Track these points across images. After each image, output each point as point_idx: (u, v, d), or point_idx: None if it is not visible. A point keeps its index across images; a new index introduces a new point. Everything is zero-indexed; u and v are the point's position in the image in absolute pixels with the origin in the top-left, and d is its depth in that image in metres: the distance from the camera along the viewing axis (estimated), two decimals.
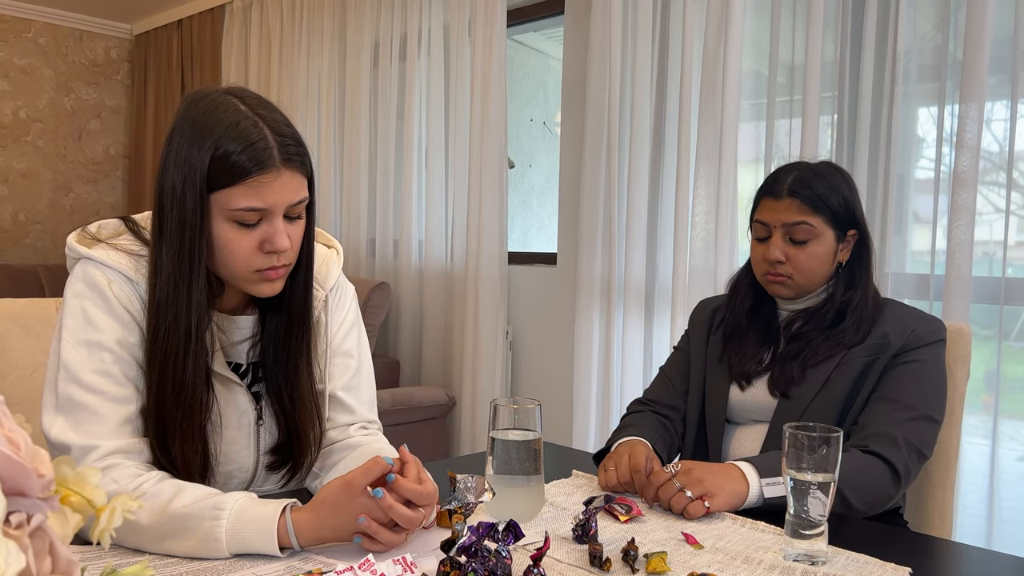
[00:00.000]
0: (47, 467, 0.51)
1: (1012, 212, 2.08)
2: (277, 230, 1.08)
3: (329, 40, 3.95)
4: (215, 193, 1.05)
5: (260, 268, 1.09)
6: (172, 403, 1.09)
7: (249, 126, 1.05)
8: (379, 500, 0.97)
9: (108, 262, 1.10)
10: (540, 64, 4.18)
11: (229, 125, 1.04)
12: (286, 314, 1.19)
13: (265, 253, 1.08)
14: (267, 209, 1.06)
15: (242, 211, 1.05)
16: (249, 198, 1.05)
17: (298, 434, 1.21)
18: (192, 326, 1.09)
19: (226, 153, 1.03)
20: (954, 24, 2.16)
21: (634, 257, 2.79)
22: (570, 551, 1.05)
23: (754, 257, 1.50)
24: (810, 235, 1.42)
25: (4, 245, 5.03)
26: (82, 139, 5.32)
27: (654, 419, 1.52)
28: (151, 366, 1.09)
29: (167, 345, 1.08)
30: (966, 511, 2.15)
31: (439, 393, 3.35)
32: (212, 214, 1.07)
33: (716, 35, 2.52)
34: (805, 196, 1.41)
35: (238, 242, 1.07)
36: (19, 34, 5.03)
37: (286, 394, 1.20)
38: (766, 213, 1.45)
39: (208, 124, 1.05)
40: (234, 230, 1.07)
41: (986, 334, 2.16)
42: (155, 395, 1.09)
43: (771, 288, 1.48)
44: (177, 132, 1.08)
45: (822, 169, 1.46)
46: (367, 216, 3.83)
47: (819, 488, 1.03)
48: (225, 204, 1.05)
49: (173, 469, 1.10)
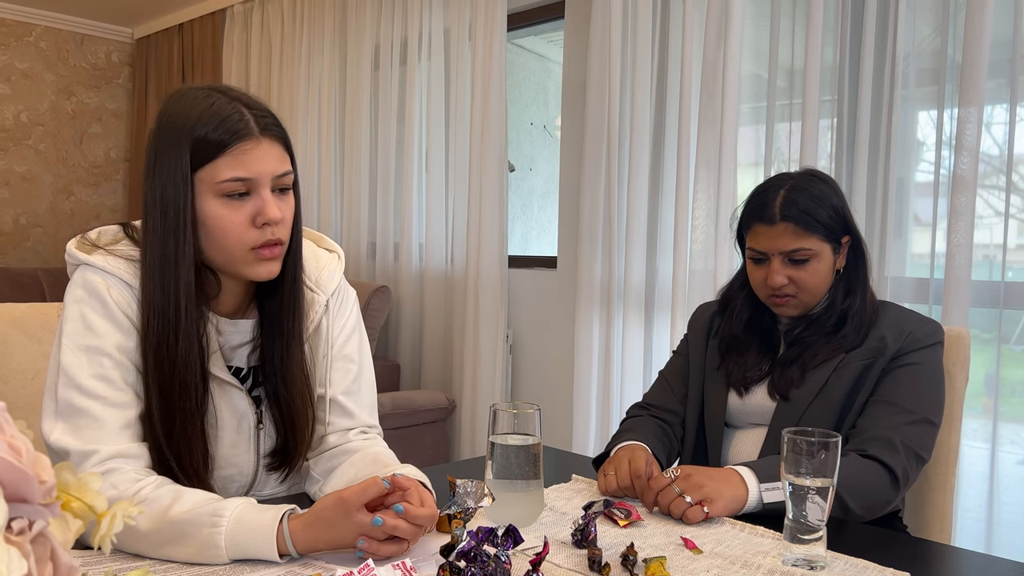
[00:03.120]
0: (49, 473, 0.51)
1: (1012, 215, 2.08)
2: (267, 200, 1.09)
3: (330, 44, 3.96)
4: (199, 171, 1.07)
5: (255, 245, 1.10)
6: (169, 400, 1.09)
7: (223, 103, 1.08)
8: (380, 526, 0.97)
9: (107, 268, 1.11)
10: (540, 68, 4.18)
11: (204, 108, 1.08)
12: (279, 306, 1.19)
13: (258, 228, 1.09)
14: (253, 179, 1.08)
15: (228, 182, 1.07)
16: (233, 168, 1.06)
17: (294, 439, 1.21)
18: (181, 306, 1.09)
19: (204, 131, 1.06)
20: (953, 28, 2.17)
21: (634, 261, 2.79)
22: (569, 556, 1.05)
23: (754, 281, 1.47)
24: (809, 256, 1.41)
25: (5, 249, 5.03)
26: (83, 143, 5.33)
27: (654, 423, 1.52)
28: (145, 359, 1.09)
29: (159, 333, 1.09)
30: (966, 515, 2.15)
31: (439, 397, 3.35)
32: (198, 193, 1.08)
33: (716, 39, 2.53)
34: (797, 218, 1.39)
35: (228, 218, 1.08)
36: (20, 38, 5.04)
37: (281, 397, 1.20)
38: (761, 241, 1.42)
39: (184, 111, 1.08)
40: (223, 205, 1.08)
41: (986, 337, 2.16)
42: (154, 392, 1.09)
43: (779, 310, 1.46)
44: (158, 128, 1.10)
45: (806, 182, 1.43)
46: (367, 219, 3.83)
47: (818, 493, 1.03)
48: (210, 179, 1.07)
49: (173, 472, 1.11)
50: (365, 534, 0.97)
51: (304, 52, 4.08)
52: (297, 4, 4.13)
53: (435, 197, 3.51)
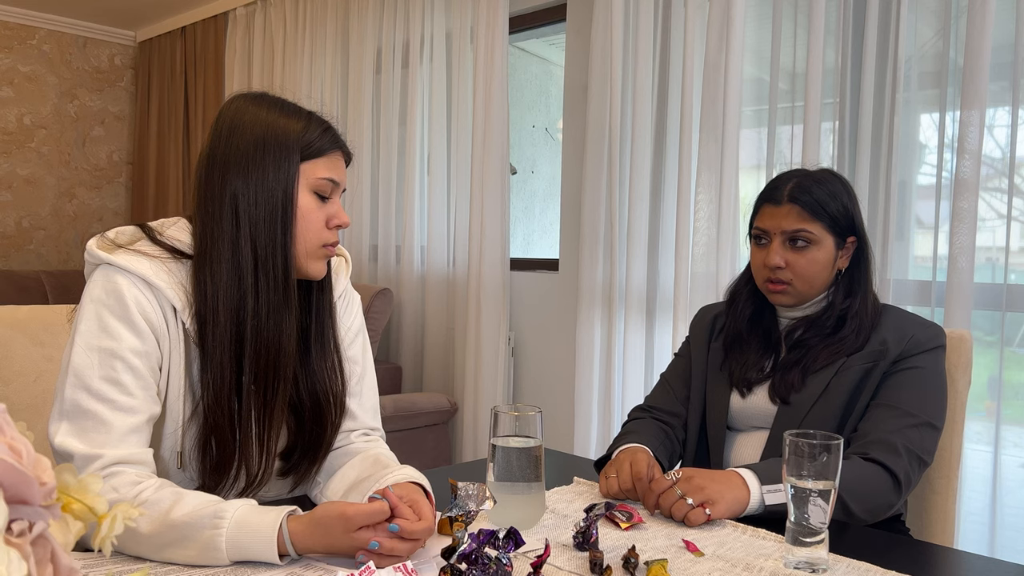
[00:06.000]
0: (49, 475, 0.51)
1: (1014, 218, 2.08)
2: (340, 208, 1.20)
3: (332, 47, 3.97)
4: (304, 163, 1.16)
5: (326, 243, 1.18)
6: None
7: (319, 116, 1.21)
8: (377, 549, 0.97)
9: (130, 267, 1.10)
10: (542, 70, 4.19)
11: (306, 114, 1.19)
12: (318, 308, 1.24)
13: (329, 229, 1.18)
14: (339, 185, 1.19)
15: (324, 180, 1.17)
16: (330, 170, 1.18)
17: (317, 437, 1.22)
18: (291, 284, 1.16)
19: (312, 136, 1.17)
20: (955, 31, 2.17)
21: (635, 263, 2.79)
22: (571, 558, 1.05)
23: (754, 263, 1.50)
24: (809, 241, 1.42)
25: (7, 251, 5.04)
26: (86, 145, 5.34)
27: (655, 426, 1.52)
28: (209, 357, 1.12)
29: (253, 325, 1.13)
30: (969, 518, 2.14)
31: (441, 399, 3.35)
32: (299, 182, 1.15)
33: (717, 41, 2.53)
34: (805, 203, 1.41)
35: (315, 213, 1.17)
36: (24, 41, 5.05)
37: (306, 392, 1.22)
38: (766, 220, 1.45)
39: (290, 107, 1.19)
40: (314, 200, 1.17)
41: (989, 340, 2.16)
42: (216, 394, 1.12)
43: (772, 298, 1.48)
44: (246, 126, 1.14)
45: (822, 176, 1.46)
46: (369, 222, 3.83)
47: (820, 495, 1.03)
48: (312, 174, 1.16)
49: (208, 473, 1.13)
50: (364, 550, 0.97)
51: (306, 55, 4.09)
52: (299, 7, 4.14)
53: (437, 200, 3.52)
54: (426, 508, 1.03)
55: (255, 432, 1.15)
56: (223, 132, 1.15)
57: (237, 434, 1.13)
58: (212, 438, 1.13)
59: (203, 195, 1.14)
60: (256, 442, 1.15)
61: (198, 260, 1.13)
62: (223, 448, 1.13)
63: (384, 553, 0.97)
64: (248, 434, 1.14)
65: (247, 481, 1.16)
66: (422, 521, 1.00)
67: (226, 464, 1.14)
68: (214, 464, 1.14)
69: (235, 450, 1.13)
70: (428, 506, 1.04)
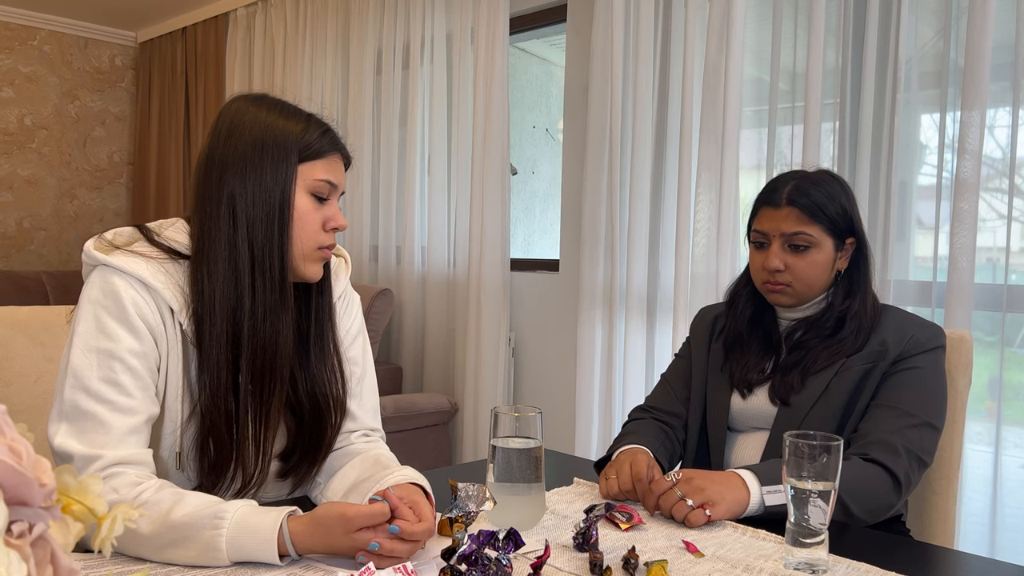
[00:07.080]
0: (49, 476, 0.51)
1: (1015, 219, 2.08)
2: (337, 210, 1.20)
3: (332, 48, 3.97)
4: (302, 164, 1.15)
5: (322, 245, 1.18)
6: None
7: (318, 119, 1.20)
8: (378, 550, 0.97)
9: (127, 268, 1.10)
10: (542, 71, 4.19)
11: (306, 116, 1.18)
12: (314, 304, 1.24)
13: (326, 232, 1.18)
14: (336, 187, 1.19)
15: (322, 182, 1.16)
16: (328, 172, 1.17)
17: (316, 439, 1.22)
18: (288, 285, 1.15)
19: (311, 137, 1.16)
20: (955, 31, 2.17)
21: (636, 264, 2.79)
22: (571, 559, 1.05)
23: (753, 265, 1.49)
24: (809, 243, 1.42)
25: (8, 252, 5.05)
26: (86, 146, 5.34)
27: (656, 427, 1.52)
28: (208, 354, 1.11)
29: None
30: (969, 519, 2.14)
31: (441, 400, 3.35)
32: (297, 184, 1.15)
33: (717, 42, 2.53)
34: (803, 205, 1.41)
35: (312, 214, 1.16)
36: (24, 42, 5.05)
37: (306, 394, 1.22)
38: (765, 222, 1.45)
39: (290, 109, 1.19)
40: (311, 202, 1.16)
41: (989, 341, 2.16)
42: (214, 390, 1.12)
43: (771, 297, 1.48)
44: (247, 127, 1.14)
45: (820, 178, 1.46)
46: (370, 222, 3.83)
47: (820, 496, 1.03)
48: (310, 175, 1.16)
49: (209, 475, 1.13)
50: (364, 551, 0.97)
51: (307, 55, 4.09)
52: (300, 8, 4.14)
53: (437, 200, 3.52)
54: (426, 509, 1.03)
55: (251, 432, 1.15)
56: (222, 132, 1.15)
57: (234, 434, 1.13)
58: (210, 438, 1.13)
59: (201, 195, 1.14)
60: (252, 443, 1.15)
61: (195, 260, 1.13)
62: (221, 448, 1.13)
63: (384, 554, 0.97)
64: (245, 434, 1.14)
65: (243, 482, 1.16)
66: (422, 522, 1.00)
67: (224, 464, 1.14)
68: (212, 464, 1.14)
69: (232, 450, 1.13)
70: (428, 507, 1.04)
